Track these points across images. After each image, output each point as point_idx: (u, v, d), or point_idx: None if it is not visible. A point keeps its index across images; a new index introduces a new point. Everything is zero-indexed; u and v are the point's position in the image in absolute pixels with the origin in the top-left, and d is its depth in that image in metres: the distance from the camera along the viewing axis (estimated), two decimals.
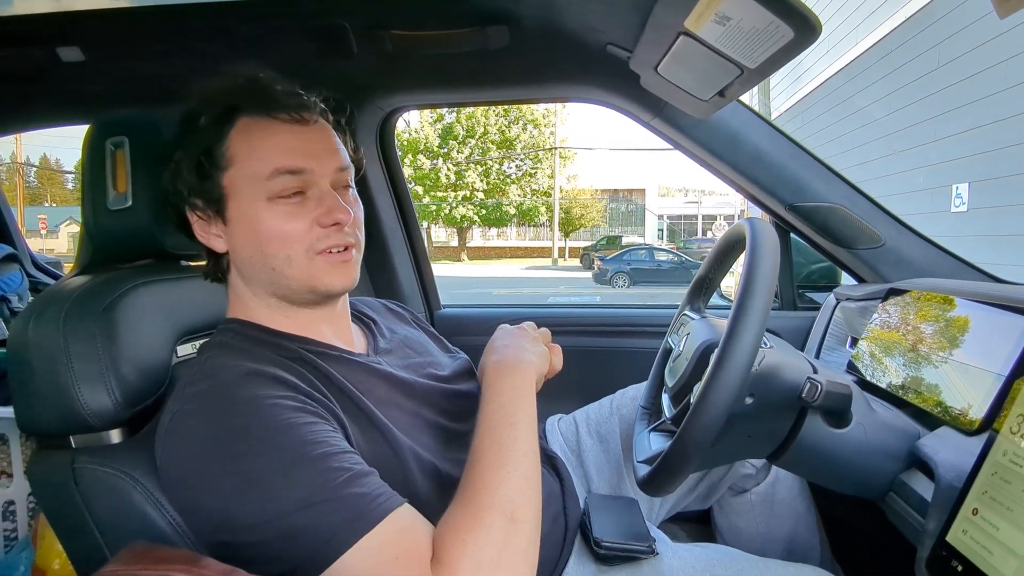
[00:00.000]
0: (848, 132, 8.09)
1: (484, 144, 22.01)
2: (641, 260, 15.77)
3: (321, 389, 0.64)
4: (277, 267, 0.68)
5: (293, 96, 0.69)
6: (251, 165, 0.66)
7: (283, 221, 0.66)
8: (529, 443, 0.66)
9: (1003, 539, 0.53)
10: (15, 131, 1.55)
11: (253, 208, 0.67)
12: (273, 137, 0.67)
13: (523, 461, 0.63)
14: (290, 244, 0.67)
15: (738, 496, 1.06)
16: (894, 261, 1.19)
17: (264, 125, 0.67)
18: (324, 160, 0.69)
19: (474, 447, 0.65)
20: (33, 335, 0.70)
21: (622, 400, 1.10)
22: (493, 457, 0.63)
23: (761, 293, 0.67)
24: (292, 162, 0.66)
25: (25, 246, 1.82)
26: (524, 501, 0.60)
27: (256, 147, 0.67)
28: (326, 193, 0.68)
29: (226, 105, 0.68)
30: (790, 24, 0.65)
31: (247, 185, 0.67)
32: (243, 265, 0.71)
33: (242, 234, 0.68)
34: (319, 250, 0.68)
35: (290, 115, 0.68)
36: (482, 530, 0.56)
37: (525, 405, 0.70)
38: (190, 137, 0.68)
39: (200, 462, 0.57)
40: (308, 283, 0.69)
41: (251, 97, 0.68)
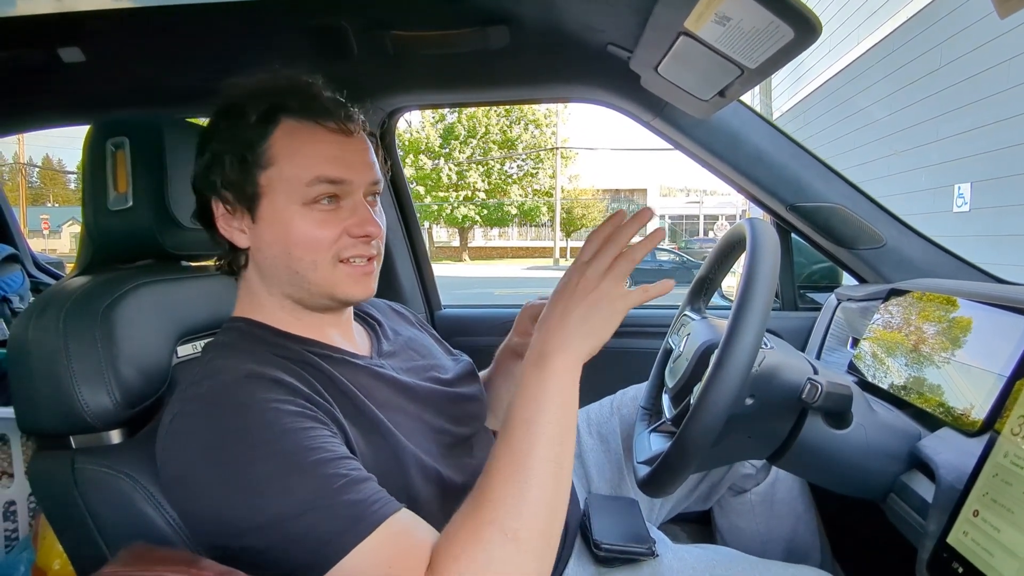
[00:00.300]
0: (850, 132, 8.08)
1: (486, 144, 22.01)
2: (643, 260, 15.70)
3: (323, 393, 0.64)
4: (301, 271, 0.68)
5: (339, 105, 0.70)
6: (292, 168, 0.66)
7: (315, 227, 0.67)
8: (549, 447, 0.57)
9: (1004, 541, 0.53)
10: (16, 132, 1.55)
11: (287, 210, 0.67)
12: (318, 144, 0.67)
13: (538, 469, 0.56)
14: (318, 250, 0.67)
15: (738, 496, 1.06)
16: (895, 261, 1.19)
17: (309, 130, 0.67)
18: (362, 172, 0.69)
19: (493, 449, 0.59)
20: (33, 335, 0.70)
21: (622, 400, 1.10)
22: (505, 464, 0.56)
23: (761, 294, 0.67)
24: (334, 171, 0.67)
25: (26, 246, 1.82)
26: (532, 516, 0.54)
27: (299, 151, 0.67)
28: (359, 204, 0.69)
29: (273, 104, 0.68)
30: (790, 24, 0.65)
31: (285, 187, 0.67)
32: (265, 264, 0.70)
33: (271, 233, 0.68)
34: (343, 258, 0.68)
35: (337, 124, 0.68)
36: (478, 546, 0.52)
37: (550, 403, 0.58)
38: (233, 131, 0.68)
39: (199, 464, 0.57)
40: (328, 290, 0.69)
41: (299, 100, 0.68)
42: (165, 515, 0.67)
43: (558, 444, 0.58)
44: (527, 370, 0.60)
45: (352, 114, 0.71)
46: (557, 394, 0.59)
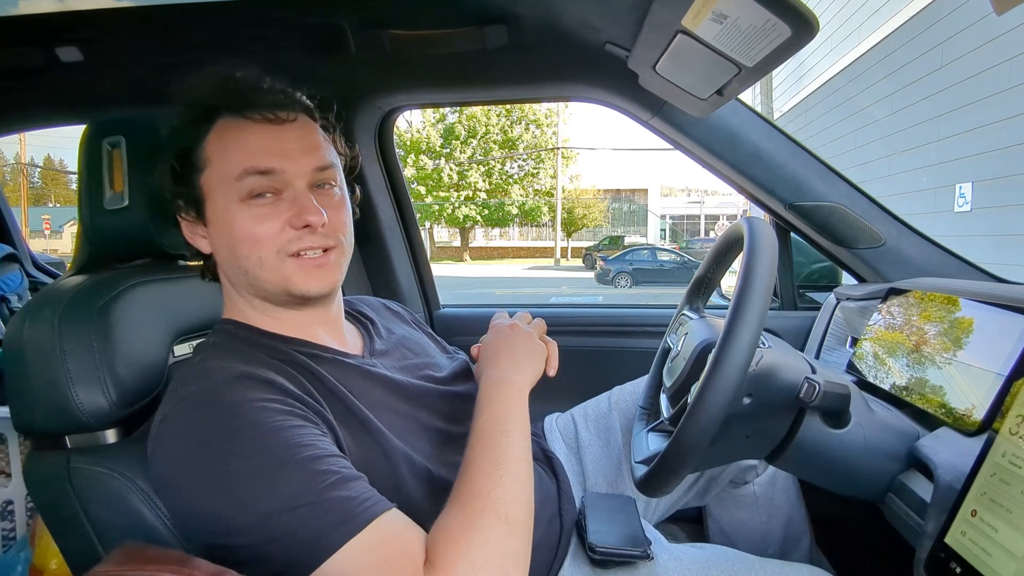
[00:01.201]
0: (851, 132, 8.06)
1: (486, 144, 22.01)
2: (643, 260, 15.76)
3: (312, 392, 0.64)
4: (250, 269, 0.67)
5: (268, 95, 0.68)
6: (223, 166, 0.66)
7: (254, 223, 0.66)
8: (521, 450, 0.66)
9: (1002, 541, 0.53)
10: (13, 131, 1.55)
11: (227, 209, 0.66)
12: (244, 137, 0.66)
13: (516, 466, 0.63)
14: (260, 246, 0.66)
15: (740, 488, 1.06)
16: (895, 261, 1.18)
17: (238, 125, 0.67)
18: (299, 160, 0.67)
19: (467, 455, 0.65)
20: (29, 335, 0.70)
21: (620, 396, 1.10)
22: (486, 463, 0.63)
23: (758, 293, 0.67)
24: (261, 162, 0.65)
25: (25, 246, 1.82)
26: (517, 504, 0.60)
27: (228, 147, 0.66)
28: (300, 194, 0.67)
29: (205, 106, 0.68)
30: (787, 22, 0.64)
31: (220, 186, 0.67)
32: (223, 266, 0.72)
33: (219, 235, 0.69)
34: (291, 252, 0.67)
35: (262, 115, 0.67)
36: (477, 532, 0.55)
37: (516, 415, 0.70)
38: (171, 139, 0.70)
39: (189, 464, 0.57)
40: (282, 285, 0.68)
41: (226, 97, 0.68)
42: (160, 514, 0.66)
43: (526, 447, 0.67)
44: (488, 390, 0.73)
45: (284, 101, 0.69)
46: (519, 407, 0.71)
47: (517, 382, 0.74)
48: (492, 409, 0.70)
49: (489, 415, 0.69)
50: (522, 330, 0.83)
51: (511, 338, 0.82)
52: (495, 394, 0.72)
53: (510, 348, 0.79)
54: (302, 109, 0.71)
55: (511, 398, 0.72)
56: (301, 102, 0.71)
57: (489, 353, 0.80)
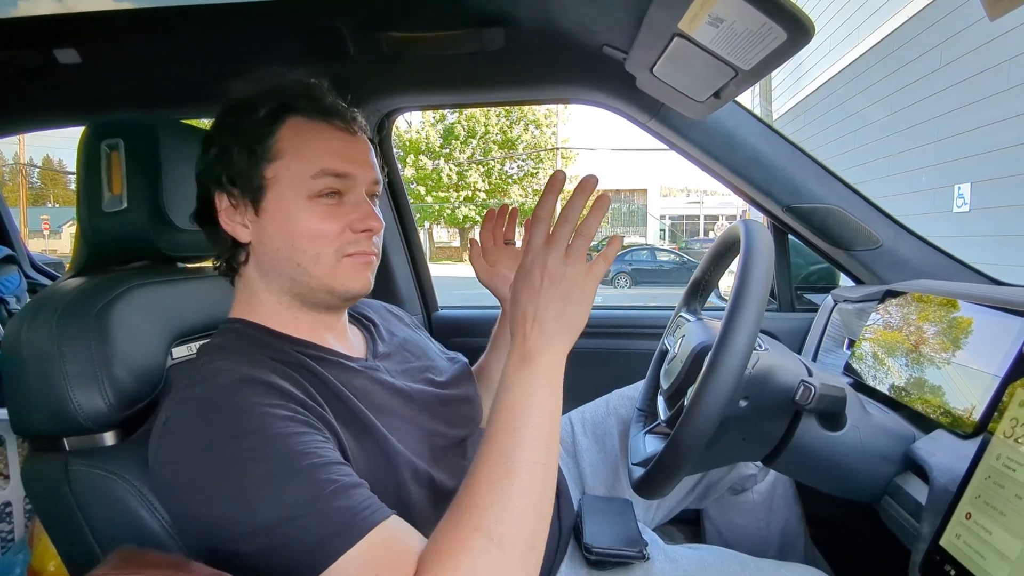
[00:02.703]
0: (850, 132, 8.07)
1: (486, 144, 22.00)
2: (643, 260, 15.76)
3: (316, 396, 0.64)
4: (303, 263, 0.69)
5: (343, 106, 0.73)
6: (298, 162, 0.68)
7: (319, 220, 0.68)
8: (535, 450, 0.56)
9: (995, 543, 0.53)
10: (12, 133, 1.55)
11: (292, 203, 0.68)
12: (324, 139, 0.70)
13: (524, 473, 0.55)
14: (321, 243, 0.68)
15: (739, 495, 1.07)
16: (892, 262, 1.18)
17: (316, 127, 0.70)
18: (365, 169, 0.71)
19: (477, 453, 0.58)
20: (27, 337, 0.70)
21: (619, 400, 1.10)
22: (491, 468, 0.55)
23: (755, 296, 0.67)
24: (339, 165, 0.69)
25: (24, 247, 1.82)
26: (517, 521, 0.53)
27: (306, 146, 0.69)
28: (362, 200, 0.71)
29: (281, 102, 0.70)
30: (783, 26, 0.65)
31: (290, 180, 0.68)
32: (267, 258, 0.71)
33: (274, 226, 0.69)
34: (347, 253, 0.70)
35: (343, 123, 0.71)
36: (465, 554, 0.51)
37: (537, 406, 0.57)
38: (241, 125, 0.70)
39: (190, 468, 0.57)
40: (329, 283, 0.70)
41: (307, 100, 0.70)
42: (158, 517, 0.66)
43: (544, 446, 0.57)
44: (510, 374, 0.59)
45: (355, 116, 0.73)
46: (542, 395, 0.58)
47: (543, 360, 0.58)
48: (508, 399, 0.58)
49: (504, 405, 0.58)
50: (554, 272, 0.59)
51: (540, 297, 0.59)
52: (515, 380, 0.59)
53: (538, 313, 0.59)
54: (363, 126, 0.75)
55: (533, 384, 0.58)
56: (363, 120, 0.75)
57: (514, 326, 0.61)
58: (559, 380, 0.59)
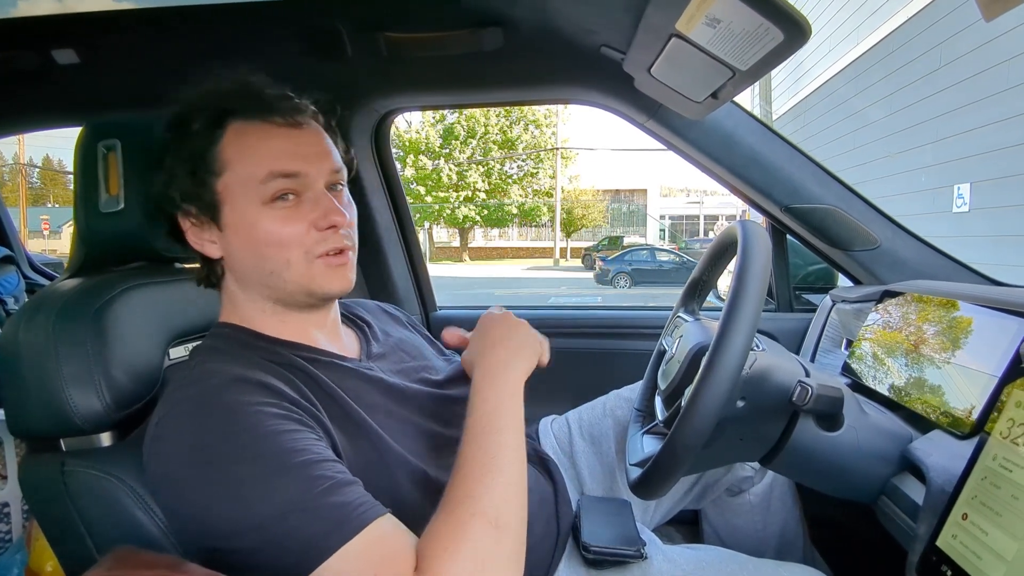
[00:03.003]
0: (849, 133, 8.08)
1: (486, 144, 22.02)
2: (643, 260, 15.77)
3: (309, 396, 0.64)
4: (275, 271, 0.68)
5: (285, 99, 0.69)
6: (245, 169, 0.66)
7: (280, 225, 0.66)
8: (515, 449, 0.64)
9: (992, 544, 0.53)
10: (10, 133, 1.55)
11: (249, 212, 0.66)
12: (268, 141, 0.67)
13: (509, 468, 0.62)
14: (288, 248, 0.67)
15: (736, 496, 1.07)
16: (890, 263, 1.18)
17: (258, 129, 0.67)
18: (318, 163, 0.69)
19: (460, 453, 0.64)
20: (23, 337, 0.70)
21: (616, 401, 1.10)
22: (478, 464, 0.61)
23: (752, 296, 0.67)
24: (287, 165, 0.66)
25: (22, 248, 1.82)
26: (509, 508, 0.59)
27: (249, 151, 0.67)
28: (321, 196, 0.68)
29: (218, 109, 0.67)
30: (779, 26, 0.65)
31: (242, 190, 0.66)
32: (239, 270, 0.71)
33: (238, 239, 0.68)
34: (317, 254, 0.68)
35: (284, 119, 0.68)
36: (466, 539, 0.54)
37: (512, 410, 0.68)
38: (182, 142, 0.68)
39: (184, 468, 0.57)
40: (306, 286, 0.69)
41: (243, 101, 0.68)
42: (154, 518, 0.66)
43: (519, 443, 0.65)
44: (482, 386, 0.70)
45: (300, 106, 0.70)
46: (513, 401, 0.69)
47: (512, 375, 0.72)
48: (485, 406, 0.68)
49: (483, 412, 0.67)
50: (515, 318, 0.81)
51: (505, 326, 0.79)
52: (489, 390, 0.70)
53: (505, 337, 0.77)
54: (312, 114, 0.72)
55: (505, 393, 0.69)
56: (311, 107, 0.72)
57: (482, 343, 0.77)
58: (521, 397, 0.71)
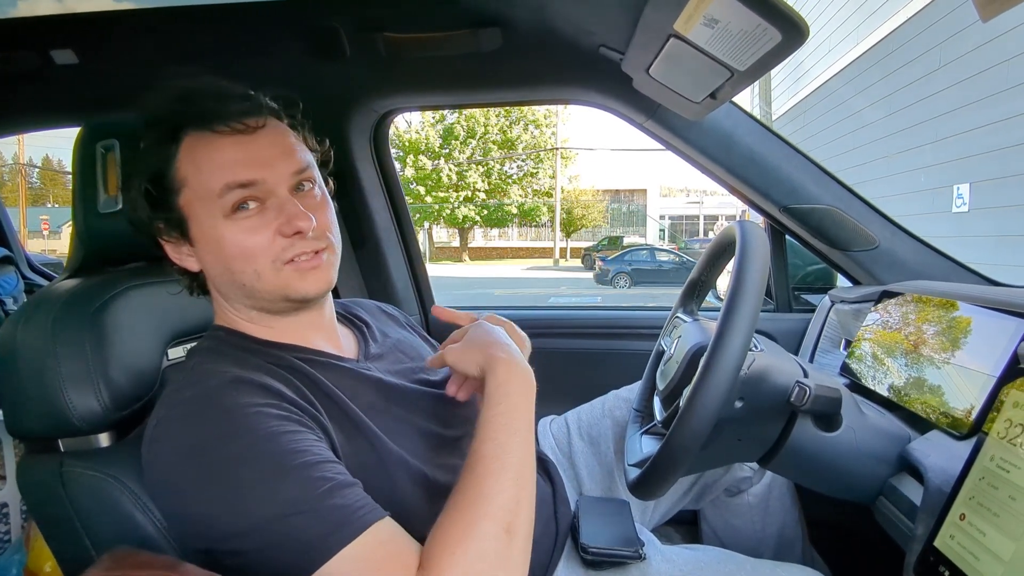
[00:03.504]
0: (848, 133, 8.08)
1: (485, 144, 22.01)
2: (642, 260, 15.77)
3: (308, 396, 0.64)
4: (246, 283, 0.66)
5: (234, 103, 0.66)
6: (201, 184, 0.64)
7: (245, 236, 0.64)
8: (528, 451, 0.63)
9: (989, 545, 0.53)
10: (8, 134, 1.55)
11: (213, 227, 0.65)
12: (218, 152, 0.64)
13: (523, 469, 0.60)
14: (255, 259, 0.65)
15: (735, 497, 1.07)
16: (888, 263, 1.18)
17: (208, 140, 0.65)
18: (277, 166, 0.66)
19: (474, 449, 0.61)
20: (22, 337, 0.70)
21: (615, 402, 1.10)
22: (493, 462, 0.59)
23: (750, 296, 0.67)
24: (241, 175, 0.64)
25: (21, 248, 1.82)
26: (521, 511, 0.57)
27: (202, 165, 0.64)
28: (285, 201, 0.65)
29: (169, 124, 0.65)
30: (777, 27, 0.65)
31: (202, 204, 0.65)
32: (217, 282, 0.70)
33: (208, 254, 0.67)
34: (285, 260, 0.66)
35: (230, 125, 0.64)
36: (474, 541, 0.53)
37: (528, 410, 0.66)
38: (144, 158, 0.67)
39: (183, 469, 0.57)
40: (281, 293, 0.67)
41: (191, 110, 0.65)
42: (152, 518, 0.66)
43: (531, 447, 0.63)
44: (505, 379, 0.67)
45: (251, 109, 0.66)
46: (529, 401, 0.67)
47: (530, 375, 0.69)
48: (510, 400, 0.65)
49: (507, 407, 0.64)
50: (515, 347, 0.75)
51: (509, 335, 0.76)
52: (514, 384, 0.66)
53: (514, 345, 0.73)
54: (270, 113, 0.69)
55: (526, 391, 0.67)
56: (268, 106, 0.69)
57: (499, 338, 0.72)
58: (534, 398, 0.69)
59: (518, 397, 0.66)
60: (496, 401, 0.65)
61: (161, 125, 0.66)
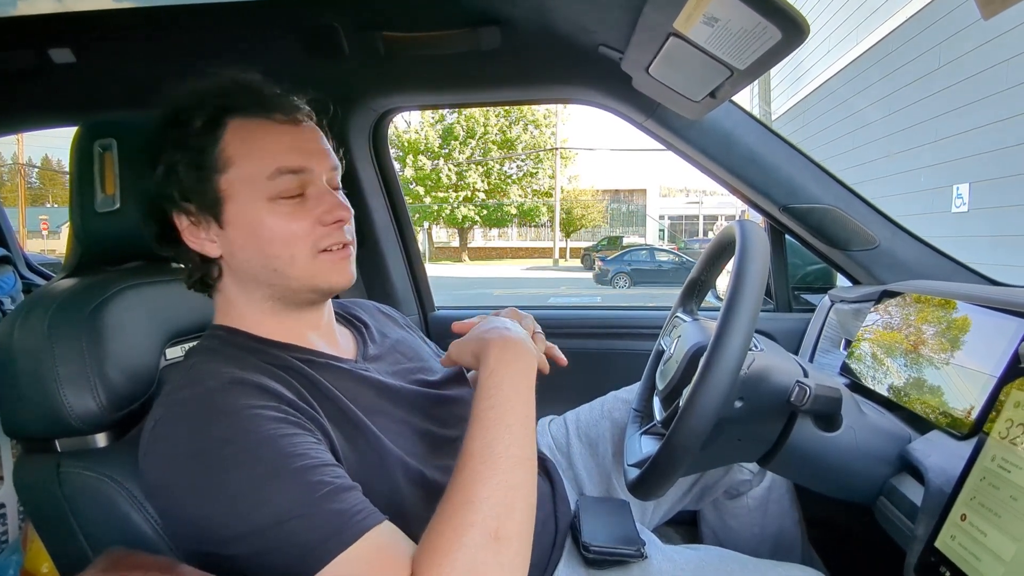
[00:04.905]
0: (848, 133, 8.08)
1: (485, 144, 22.01)
2: (642, 260, 15.78)
3: (307, 397, 0.64)
4: (280, 268, 0.67)
5: (284, 97, 0.70)
6: (250, 166, 0.66)
7: (287, 221, 0.66)
8: (524, 447, 0.59)
9: (990, 545, 0.53)
10: (5, 133, 1.54)
11: (254, 209, 0.66)
12: (271, 136, 0.67)
13: (515, 469, 0.57)
14: (294, 244, 0.67)
15: (734, 499, 1.06)
16: (888, 263, 1.18)
17: (260, 126, 0.67)
18: (320, 159, 0.69)
19: (463, 448, 0.59)
20: (18, 337, 0.70)
21: (614, 403, 1.09)
22: (481, 463, 0.57)
23: (749, 296, 0.67)
24: (293, 161, 0.67)
25: (19, 248, 1.81)
26: (511, 515, 0.55)
27: (255, 147, 0.66)
28: (325, 192, 0.68)
29: (217, 107, 0.67)
30: (778, 25, 0.65)
31: (247, 186, 0.66)
32: (240, 268, 0.69)
33: (242, 236, 0.67)
34: (322, 248, 0.68)
35: (285, 115, 0.68)
36: (461, 551, 0.51)
37: (524, 400, 0.63)
38: (181, 139, 0.67)
39: (180, 471, 0.56)
40: (311, 282, 0.69)
41: (243, 98, 0.68)
42: (150, 519, 0.66)
43: (529, 440, 0.60)
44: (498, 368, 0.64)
45: (298, 104, 0.71)
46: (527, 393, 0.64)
47: (529, 361, 0.67)
48: (501, 392, 0.62)
49: (496, 400, 0.61)
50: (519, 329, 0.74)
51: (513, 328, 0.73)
52: (506, 373, 0.64)
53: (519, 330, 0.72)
54: (307, 112, 0.72)
55: (521, 380, 0.64)
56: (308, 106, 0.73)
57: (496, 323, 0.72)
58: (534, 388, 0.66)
59: (511, 388, 0.63)
60: (486, 393, 0.62)
61: (207, 106, 0.67)
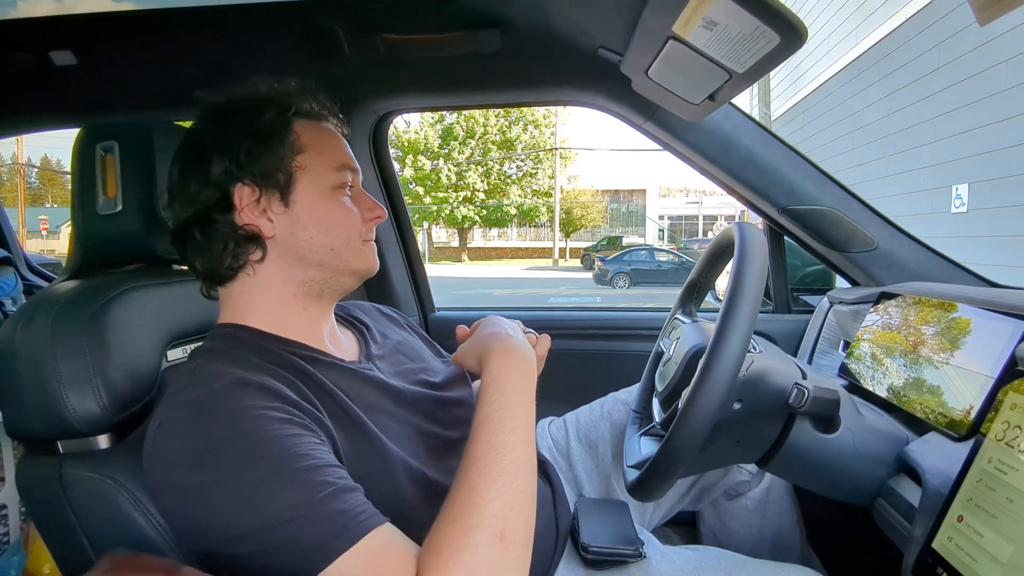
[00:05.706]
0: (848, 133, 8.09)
1: (485, 145, 22.02)
2: (642, 261, 15.78)
3: (310, 397, 0.64)
4: (337, 248, 0.73)
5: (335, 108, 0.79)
6: (320, 156, 0.73)
7: (345, 211, 0.74)
8: (526, 451, 0.61)
9: (987, 546, 0.53)
10: (6, 135, 1.55)
11: (321, 194, 0.72)
12: (332, 137, 0.76)
13: (519, 472, 0.59)
14: (351, 229, 0.74)
15: (733, 500, 1.07)
16: (887, 264, 1.19)
17: (321, 127, 0.76)
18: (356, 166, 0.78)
19: (467, 452, 0.60)
20: (21, 339, 0.70)
21: (614, 404, 1.10)
22: (486, 466, 0.58)
23: (748, 298, 0.67)
24: (349, 161, 0.76)
25: (20, 249, 1.81)
26: (516, 517, 0.56)
27: (322, 143, 0.74)
28: (361, 193, 0.78)
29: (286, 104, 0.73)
30: (776, 30, 0.65)
31: (316, 174, 0.72)
32: (298, 247, 0.71)
33: (308, 215, 0.71)
34: (363, 239, 0.77)
35: (336, 125, 0.78)
36: (468, 552, 0.52)
37: (527, 406, 0.65)
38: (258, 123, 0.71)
39: (184, 472, 0.57)
40: (354, 265, 0.75)
41: (308, 101, 0.75)
42: (152, 520, 0.66)
43: (530, 445, 0.62)
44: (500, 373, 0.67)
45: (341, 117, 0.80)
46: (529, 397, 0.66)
47: (531, 368, 0.69)
48: (505, 397, 0.64)
49: (500, 404, 0.63)
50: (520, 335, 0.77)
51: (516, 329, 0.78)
52: (510, 378, 0.66)
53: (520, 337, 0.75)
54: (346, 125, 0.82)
55: (525, 386, 0.66)
56: None
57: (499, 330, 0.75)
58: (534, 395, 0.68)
59: (514, 393, 0.65)
60: (490, 398, 0.64)
61: (280, 103, 0.73)
